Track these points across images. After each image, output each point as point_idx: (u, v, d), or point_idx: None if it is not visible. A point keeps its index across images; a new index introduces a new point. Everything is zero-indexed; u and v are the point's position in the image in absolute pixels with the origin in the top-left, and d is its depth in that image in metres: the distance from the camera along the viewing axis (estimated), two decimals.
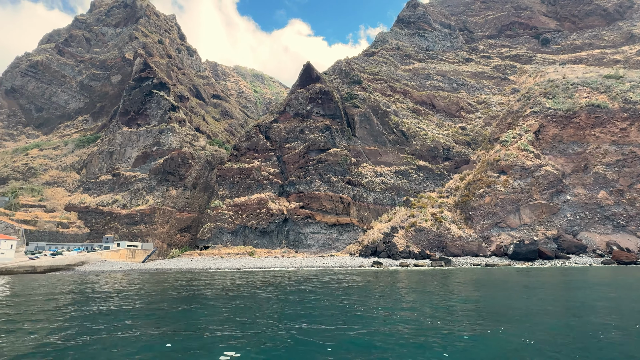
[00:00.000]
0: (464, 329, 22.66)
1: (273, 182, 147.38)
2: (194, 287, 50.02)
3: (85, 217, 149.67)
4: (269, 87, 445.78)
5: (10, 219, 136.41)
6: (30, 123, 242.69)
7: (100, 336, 21.59)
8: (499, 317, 27.12)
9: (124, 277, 72.72)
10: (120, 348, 19.33)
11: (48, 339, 21.03)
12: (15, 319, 27.64)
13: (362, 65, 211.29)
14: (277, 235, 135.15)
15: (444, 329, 22.64)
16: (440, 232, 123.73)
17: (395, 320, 25.79)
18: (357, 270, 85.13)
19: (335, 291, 42.00)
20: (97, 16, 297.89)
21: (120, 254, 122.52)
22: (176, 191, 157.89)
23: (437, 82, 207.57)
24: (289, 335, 21.23)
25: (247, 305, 33.32)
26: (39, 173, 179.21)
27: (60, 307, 33.39)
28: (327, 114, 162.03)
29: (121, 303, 35.09)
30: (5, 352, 18.53)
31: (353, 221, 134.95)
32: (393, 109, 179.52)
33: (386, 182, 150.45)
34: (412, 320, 25.62)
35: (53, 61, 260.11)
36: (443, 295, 39.39)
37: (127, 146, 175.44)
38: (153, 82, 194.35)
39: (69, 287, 52.28)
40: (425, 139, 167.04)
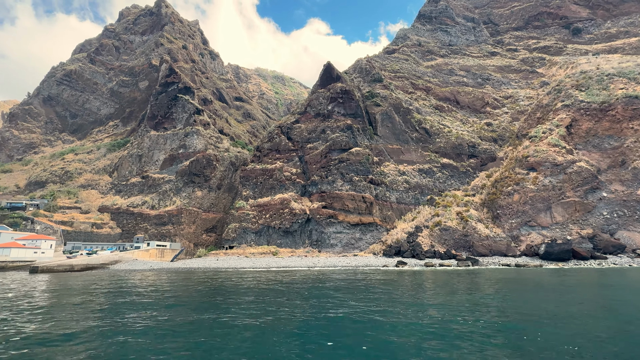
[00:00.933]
0: (499, 332, 22.01)
1: (295, 182, 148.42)
2: (224, 286, 51.25)
3: (117, 217, 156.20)
4: (290, 88, 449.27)
5: (49, 220, 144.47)
6: (66, 129, 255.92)
7: (150, 324, 22.60)
8: (537, 319, 26.16)
9: (156, 275, 75.42)
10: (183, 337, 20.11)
11: (95, 324, 22.28)
12: (63, 309, 29.36)
13: (382, 63, 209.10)
14: (300, 235, 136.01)
15: (476, 333, 22.08)
16: (466, 232, 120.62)
17: (422, 322, 25.39)
18: (381, 270, 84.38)
19: (361, 293, 41.80)
20: (125, 25, 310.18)
21: (150, 253, 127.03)
22: (202, 192, 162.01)
23: (461, 77, 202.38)
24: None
25: (276, 304, 33.78)
26: (74, 176, 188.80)
27: (106, 301, 35.14)
28: (348, 113, 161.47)
29: (166, 297, 36.49)
30: (55, 331, 19.99)
31: (376, 221, 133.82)
32: (415, 107, 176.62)
33: (409, 180, 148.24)
34: (441, 322, 25.13)
35: (85, 70, 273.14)
36: (473, 297, 38.40)
37: (155, 149, 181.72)
38: (178, 86, 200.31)
39: (108, 284, 54.81)
40: (449, 136, 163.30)
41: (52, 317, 28.16)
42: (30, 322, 26.02)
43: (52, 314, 29.71)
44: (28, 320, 26.65)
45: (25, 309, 31.47)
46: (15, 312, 30.15)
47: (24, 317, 27.87)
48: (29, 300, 37.20)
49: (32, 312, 30.06)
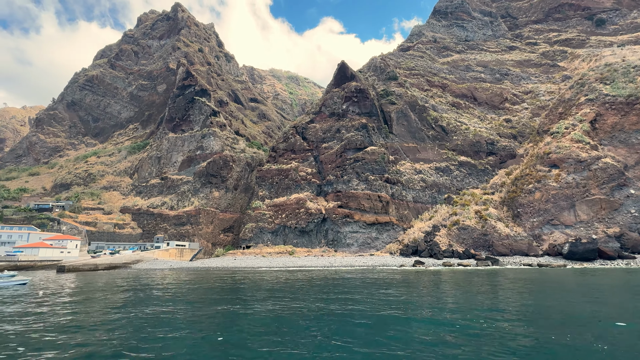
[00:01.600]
0: (525, 335, 21.48)
1: (311, 182, 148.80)
2: (244, 284, 51.91)
3: (137, 218, 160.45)
4: (304, 88, 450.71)
5: (74, 221, 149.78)
6: (89, 133, 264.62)
7: (173, 316, 23.25)
8: (564, 320, 25.41)
9: (176, 274, 77.12)
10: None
11: (121, 315, 23.06)
12: (96, 303, 30.48)
13: (397, 60, 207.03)
14: (316, 234, 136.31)
15: (500, 334, 21.62)
16: (485, 231, 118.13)
17: (442, 321, 25.04)
18: (398, 270, 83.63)
19: (379, 292, 41.54)
20: (143, 30, 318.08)
21: (170, 252, 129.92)
22: (219, 193, 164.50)
23: (478, 73, 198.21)
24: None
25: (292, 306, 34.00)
26: (97, 178, 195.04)
27: (134, 297, 36.23)
28: (363, 112, 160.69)
29: (188, 293, 37.36)
30: (85, 323, 20.85)
31: (392, 220, 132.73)
32: (431, 104, 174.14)
33: (426, 179, 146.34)
34: (461, 323, 24.71)
35: (106, 75, 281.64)
36: (496, 297, 37.58)
37: (173, 151, 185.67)
38: (195, 89, 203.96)
39: (133, 281, 56.43)
40: (466, 133, 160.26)
41: (86, 311, 29.25)
42: (67, 315, 27.16)
43: (85, 308, 30.82)
44: (65, 313, 27.82)
45: (61, 304, 32.80)
46: (52, 306, 31.46)
47: (62, 310, 29.09)
48: (62, 296, 38.72)
49: (67, 307, 31.28)
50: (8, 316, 28.19)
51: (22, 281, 54.25)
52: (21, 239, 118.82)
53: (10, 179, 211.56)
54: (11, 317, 27.56)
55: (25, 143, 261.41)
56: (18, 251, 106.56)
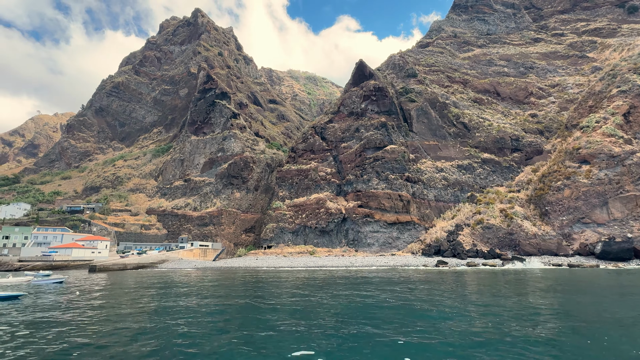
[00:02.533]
0: (557, 337, 20.75)
1: (330, 182, 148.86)
2: (268, 283, 52.59)
3: (163, 219, 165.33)
4: (322, 88, 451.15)
5: (103, 222, 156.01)
6: (116, 137, 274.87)
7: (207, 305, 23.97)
8: (600, 323, 24.36)
9: (201, 273, 78.95)
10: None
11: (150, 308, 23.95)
12: (122, 299, 31.75)
13: (416, 57, 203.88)
14: (336, 234, 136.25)
15: (531, 338, 20.97)
16: (511, 230, 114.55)
17: (469, 323, 24.51)
18: (421, 270, 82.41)
19: (402, 293, 41.10)
20: (165, 37, 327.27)
21: (194, 252, 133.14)
22: (240, 193, 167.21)
23: (501, 67, 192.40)
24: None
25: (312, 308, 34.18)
26: (124, 181, 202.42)
27: (167, 294, 37.51)
28: (382, 111, 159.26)
29: (216, 290, 38.32)
30: (117, 313, 21.77)
31: (414, 219, 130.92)
32: (452, 100, 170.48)
33: (448, 177, 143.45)
34: (489, 325, 24.11)
35: (131, 81, 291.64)
36: (524, 298, 36.43)
37: (196, 153, 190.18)
38: (215, 92, 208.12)
39: (162, 280, 58.28)
40: (489, 129, 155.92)
41: (122, 306, 30.48)
42: (106, 311, 28.41)
43: (121, 304, 32.13)
44: (104, 310, 29.13)
45: (99, 300, 34.38)
46: (91, 302, 32.99)
47: (100, 307, 30.48)
48: (96, 294, 40.54)
49: (106, 304, 32.73)
50: (57, 310, 29.77)
51: (59, 280, 57.04)
52: (55, 240, 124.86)
53: (44, 182, 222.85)
54: (61, 311, 29.08)
55: (57, 148, 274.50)
56: (53, 251, 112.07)
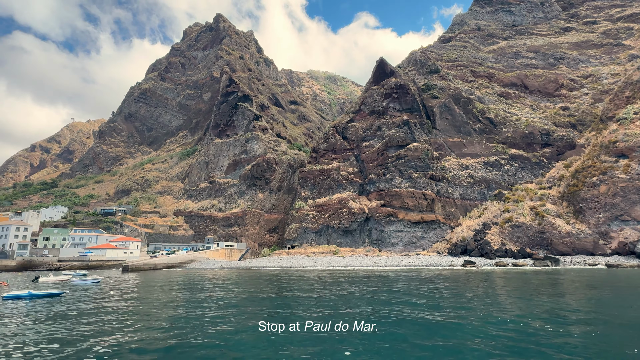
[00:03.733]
0: (600, 345, 19.76)
1: (353, 182, 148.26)
2: (295, 283, 53.10)
3: (189, 220, 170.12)
4: (342, 87, 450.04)
5: (134, 224, 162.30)
6: (144, 142, 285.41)
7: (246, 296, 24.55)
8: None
9: (229, 273, 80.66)
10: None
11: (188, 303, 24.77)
12: (160, 297, 32.98)
13: (438, 52, 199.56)
14: (359, 234, 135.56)
15: (572, 346, 20.08)
16: (542, 228, 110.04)
17: (504, 328, 23.74)
18: (448, 270, 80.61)
19: (430, 295, 40.36)
20: (188, 43, 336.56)
21: (220, 253, 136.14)
22: (263, 194, 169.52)
23: (529, 59, 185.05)
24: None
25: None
26: (152, 184, 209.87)
27: (201, 292, 38.73)
28: (404, 109, 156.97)
29: (247, 288, 39.20)
30: (152, 307, 22.71)
31: (438, 218, 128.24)
32: (477, 96, 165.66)
33: (474, 175, 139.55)
34: (526, 331, 23.27)
35: (157, 87, 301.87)
36: (562, 301, 34.91)
37: (220, 156, 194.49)
38: (237, 95, 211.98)
39: (193, 279, 60.06)
40: (517, 124, 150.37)
41: (162, 303, 31.70)
42: (146, 307, 29.68)
43: (161, 301, 33.42)
44: (144, 306, 30.43)
45: (138, 298, 35.95)
46: (130, 299, 34.54)
47: (139, 303, 31.87)
48: (136, 294, 42.37)
49: (144, 301, 34.17)
50: (101, 308, 31.36)
51: (96, 280, 59.90)
52: (91, 241, 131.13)
53: (79, 186, 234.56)
54: (104, 309, 30.61)
55: (90, 154, 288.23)
56: (89, 252, 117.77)
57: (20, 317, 27.91)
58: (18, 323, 25.59)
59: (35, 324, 24.83)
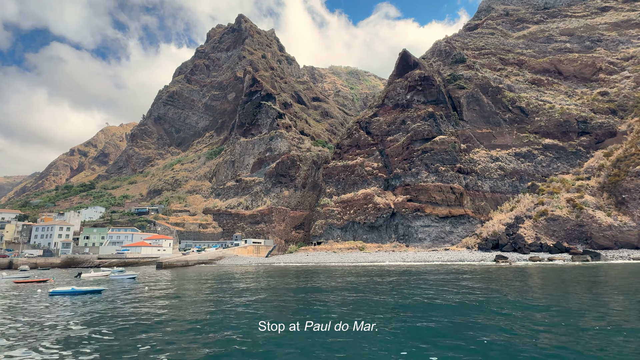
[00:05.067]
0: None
1: (377, 177, 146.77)
2: (323, 280, 53.43)
3: (218, 218, 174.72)
4: (365, 81, 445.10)
5: (166, 222, 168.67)
6: (173, 143, 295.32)
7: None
8: None
9: (258, 268, 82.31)
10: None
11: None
12: (198, 291, 34.25)
13: (464, 41, 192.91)
14: (385, 229, 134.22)
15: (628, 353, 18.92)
16: (581, 221, 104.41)
17: (552, 331, 22.74)
18: (478, 266, 78.29)
19: (464, 293, 39.34)
20: (212, 45, 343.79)
21: (248, 249, 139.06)
22: (288, 191, 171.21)
23: (563, 43, 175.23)
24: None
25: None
26: (182, 183, 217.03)
27: (238, 286, 39.89)
28: (429, 101, 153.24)
29: (279, 283, 39.99)
30: (188, 296, 23.50)
31: (467, 212, 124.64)
32: (506, 84, 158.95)
33: (504, 167, 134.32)
34: (573, 334, 22.18)
35: (184, 89, 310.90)
36: (611, 300, 33.05)
37: (245, 154, 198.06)
38: (261, 94, 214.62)
39: (226, 275, 61.83)
40: (551, 112, 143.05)
41: (199, 296, 32.92)
42: (190, 299, 30.94)
43: (199, 295, 34.71)
44: (184, 299, 31.75)
45: (175, 293, 37.55)
46: (169, 293, 36.11)
47: (178, 297, 33.28)
48: (173, 288, 44.25)
49: (182, 296, 35.62)
50: (140, 303, 32.95)
51: (133, 275, 62.85)
52: (127, 239, 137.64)
53: (115, 187, 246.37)
54: (142, 304, 32.16)
55: (124, 156, 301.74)
56: (125, 250, 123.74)
57: (65, 312, 29.74)
58: (63, 317, 27.30)
59: (79, 318, 26.38)
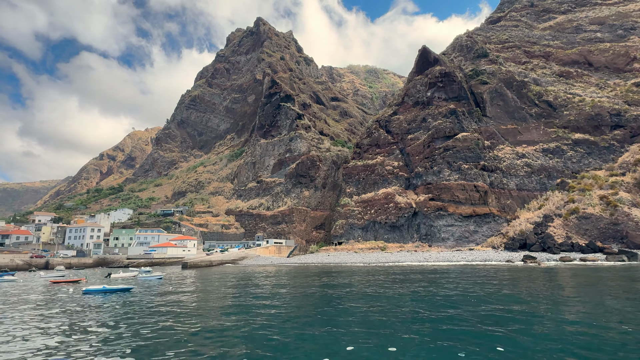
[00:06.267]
0: None
1: (398, 176, 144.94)
2: (348, 278, 53.39)
3: (240, 219, 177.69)
4: (384, 79, 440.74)
5: (190, 223, 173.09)
6: (195, 146, 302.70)
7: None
8: None
9: (280, 268, 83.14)
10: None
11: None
12: (219, 289, 35.06)
13: (486, 35, 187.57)
14: (407, 229, 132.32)
15: None
16: (615, 219, 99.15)
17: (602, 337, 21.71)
18: (505, 266, 75.87)
19: (492, 294, 38.28)
20: (232, 48, 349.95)
21: (269, 249, 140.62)
22: (308, 192, 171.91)
23: (593, 33, 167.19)
24: None
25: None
26: (205, 185, 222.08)
27: (263, 284, 40.62)
28: (450, 97, 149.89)
29: (303, 283, 40.41)
30: (214, 294, 24.19)
31: (492, 211, 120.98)
32: (532, 78, 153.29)
33: (531, 163, 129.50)
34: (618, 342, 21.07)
35: (205, 93, 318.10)
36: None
37: (265, 156, 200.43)
38: (280, 95, 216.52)
39: (249, 275, 62.91)
40: (581, 106, 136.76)
41: (227, 293, 33.70)
42: (216, 297, 31.78)
43: (226, 294, 35.53)
44: (213, 294, 32.61)
45: (203, 291, 38.60)
46: (200, 289, 37.17)
47: (210, 294, 34.22)
48: (200, 287, 45.49)
49: (211, 295, 36.56)
50: (167, 300, 34.06)
51: (159, 276, 64.87)
52: (153, 240, 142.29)
53: (141, 190, 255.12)
54: (170, 301, 33.23)
55: (149, 159, 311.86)
56: (152, 250, 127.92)
57: (97, 308, 31.06)
58: (96, 312, 28.52)
59: (111, 315, 27.48)
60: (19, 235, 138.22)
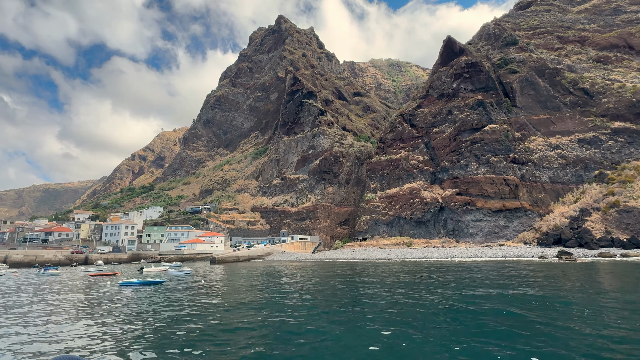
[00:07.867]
0: None
1: (423, 170, 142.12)
2: (375, 275, 53.28)
3: (265, 215, 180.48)
4: (407, 72, 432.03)
5: (217, 220, 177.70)
6: (221, 145, 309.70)
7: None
8: None
9: (305, 264, 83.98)
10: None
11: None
12: (246, 284, 36.00)
13: (515, 22, 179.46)
14: (433, 224, 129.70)
15: None
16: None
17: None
18: (537, 262, 72.86)
19: (524, 293, 36.97)
20: (254, 47, 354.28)
21: (294, 245, 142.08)
22: (332, 188, 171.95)
23: (634, 14, 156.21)
24: None
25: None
26: (231, 183, 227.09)
27: (290, 280, 41.43)
28: (477, 88, 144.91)
29: (329, 277, 40.81)
30: (242, 288, 24.74)
31: (524, 205, 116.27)
32: (566, 64, 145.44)
33: (566, 155, 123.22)
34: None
35: (229, 93, 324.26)
36: None
37: (289, 153, 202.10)
38: (302, 92, 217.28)
39: (276, 270, 64.11)
40: (621, 92, 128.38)
41: (256, 288, 34.62)
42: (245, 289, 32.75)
43: (255, 288, 36.50)
44: (243, 287, 33.61)
45: (231, 285, 39.81)
46: (226, 285, 38.37)
47: (236, 286, 35.30)
48: (229, 281, 46.88)
49: (240, 285, 37.66)
50: (196, 293, 35.37)
51: (188, 271, 67.17)
52: (183, 236, 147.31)
53: (170, 188, 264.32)
54: (199, 294, 34.49)
55: (178, 159, 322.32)
56: (182, 246, 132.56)
57: (134, 299, 32.62)
58: (133, 302, 29.98)
59: (148, 305, 28.81)
60: (60, 232, 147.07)
